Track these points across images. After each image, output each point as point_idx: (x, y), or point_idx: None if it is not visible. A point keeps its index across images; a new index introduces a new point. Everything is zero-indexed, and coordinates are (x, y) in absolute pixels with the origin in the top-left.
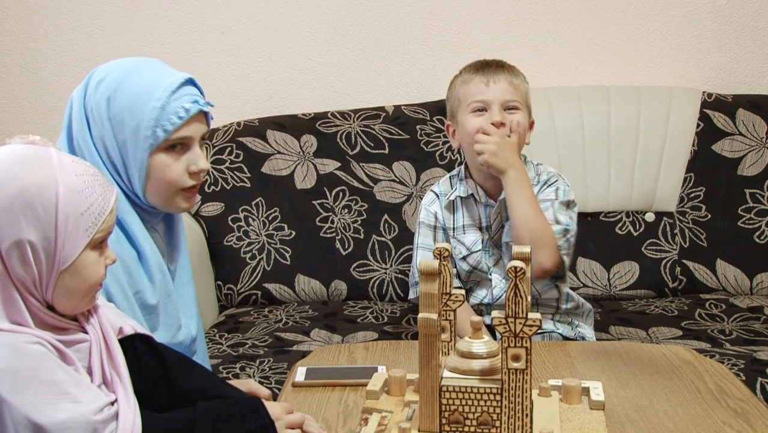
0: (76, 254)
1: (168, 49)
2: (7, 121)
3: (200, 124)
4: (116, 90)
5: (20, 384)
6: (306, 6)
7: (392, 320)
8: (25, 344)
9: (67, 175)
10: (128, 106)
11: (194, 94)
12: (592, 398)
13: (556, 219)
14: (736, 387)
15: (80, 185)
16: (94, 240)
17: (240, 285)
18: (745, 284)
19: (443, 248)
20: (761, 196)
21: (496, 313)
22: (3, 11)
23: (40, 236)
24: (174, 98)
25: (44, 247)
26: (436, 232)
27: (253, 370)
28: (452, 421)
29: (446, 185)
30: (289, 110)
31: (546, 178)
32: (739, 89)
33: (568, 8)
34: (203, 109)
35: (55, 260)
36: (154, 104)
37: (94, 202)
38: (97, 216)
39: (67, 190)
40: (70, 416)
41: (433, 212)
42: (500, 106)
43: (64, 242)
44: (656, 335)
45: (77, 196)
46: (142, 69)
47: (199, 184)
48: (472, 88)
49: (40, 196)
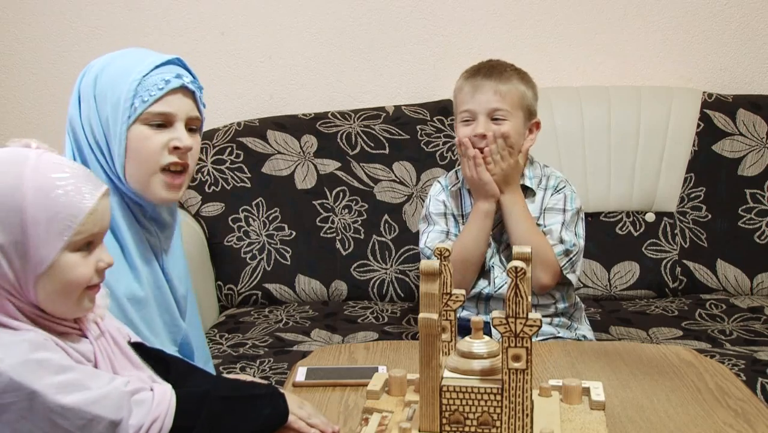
0: (52, 257)
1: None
2: (8, 122)
3: (185, 102)
4: (103, 69)
5: (43, 373)
6: (306, 6)
7: (392, 320)
8: (37, 338)
9: (40, 177)
10: (112, 81)
11: (180, 72)
12: (592, 399)
13: (560, 238)
14: (736, 387)
15: (52, 187)
16: (73, 242)
17: (240, 285)
18: (746, 285)
19: (443, 248)
20: (761, 197)
21: (497, 313)
22: (3, 11)
23: (9, 239)
24: (156, 72)
25: (17, 250)
26: (447, 218)
27: (253, 370)
28: (453, 421)
29: (452, 177)
30: (290, 110)
31: (554, 183)
32: (739, 89)
33: (568, 8)
34: (187, 85)
35: (29, 263)
36: (135, 77)
37: (69, 203)
38: (72, 218)
39: (36, 193)
40: (100, 392)
41: (442, 200)
42: (486, 116)
43: (36, 246)
44: (657, 335)
45: (47, 199)
46: (132, 52)
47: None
48: (461, 97)
49: (5, 200)
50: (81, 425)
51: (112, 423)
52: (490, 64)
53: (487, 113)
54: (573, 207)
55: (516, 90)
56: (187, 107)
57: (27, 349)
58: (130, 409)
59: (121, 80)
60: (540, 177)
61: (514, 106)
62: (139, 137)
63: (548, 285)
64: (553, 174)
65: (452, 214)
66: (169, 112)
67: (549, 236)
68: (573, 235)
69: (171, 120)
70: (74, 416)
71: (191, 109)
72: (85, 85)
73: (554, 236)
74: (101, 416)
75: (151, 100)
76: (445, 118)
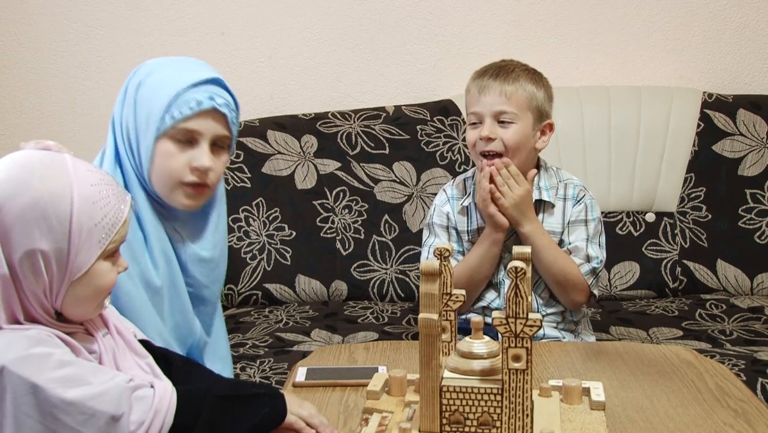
0: (89, 264)
1: (168, 50)
2: (8, 122)
3: (214, 123)
4: (149, 75)
5: (44, 367)
6: (306, 6)
7: (393, 321)
8: (39, 334)
9: (83, 185)
10: (152, 91)
11: (216, 92)
12: (592, 399)
13: (587, 256)
14: (736, 387)
15: (95, 195)
16: (107, 250)
17: (240, 285)
18: (746, 285)
19: (444, 248)
20: (762, 197)
21: (497, 313)
22: (3, 11)
23: (53, 246)
24: (192, 90)
25: (57, 257)
26: (450, 232)
27: (253, 370)
28: (453, 421)
29: (460, 188)
30: (290, 110)
31: (573, 193)
32: (739, 89)
33: (568, 8)
34: (219, 108)
35: (67, 270)
36: (171, 92)
37: (109, 213)
38: (111, 227)
39: (81, 201)
40: (102, 388)
41: (446, 212)
42: (492, 118)
43: (77, 253)
44: (657, 335)
45: (92, 207)
46: (179, 63)
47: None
48: (469, 99)
49: (54, 207)
50: (82, 420)
51: (113, 418)
52: (499, 65)
53: (492, 115)
54: (594, 216)
55: (523, 91)
56: (214, 128)
57: (27, 344)
58: (130, 405)
59: (159, 92)
60: (557, 186)
61: (522, 108)
62: (165, 153)
63: (582, 302)
64: (571, 182)
65: (455, 229)
66: (195, 130)
67: (575, 255)
68: (597, 248)
69: (197, 138)
70: (75, 410)
71: (219, 129)
72: (131, 87)
73: (581, 255)
74: (102, 411)
75: (181, 118)
76: (445, 119)
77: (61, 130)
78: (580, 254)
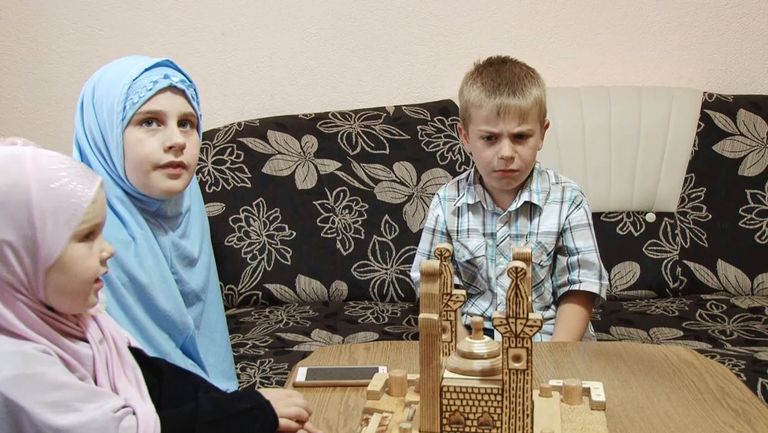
0: (60, 248)
1: (169, 50)
2: (8, 122)
3: (174, 100)
4: (100, 78)
5: (35, 389)
6: (306, 6)
7: (393, 321)
8: (33, 351)
9: (41, 170)
10: (106, 88)
11: (169, 72)
12: (593, 399)
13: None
14: (737, 388)
15: (53, 178)
16: (79, 232)
17: (241, 285)
18: (746, 285)
19: (444, 248)
20: (762, 197)
21: (497, 313)
22: (3, 11)
23: (18, 234)
24: (146, 74)
25: (24, 245)
26: (434, 235)
27: (253, 370)
28: (453, 421)
29: (453, 190)
30: (290, 111)
31: (570, 195)
32: (739, 90)
33: (568, 8)
34: (175, 84)
35: (38, 257)
36: (126, 81)
37: (72, 192)
38: (76, 207)
39: (39, 185)
40: (90, 416)
41: (435, 215)
42: (510, 137)
43: (44, 238)
44: (657, 335)
45: (51, 190)
46: (126, 59)
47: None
48: (484, 115)
49: (11, 195)
50: None
51: None
52: (508, 77)
53: (511, 135)
54: (591, 220)
55: (535, 102)
56: (177, 105)
57: (20, 362)
58: None
59: (114, 86)
60: (548, 190)
61: (535, 121)
62: (134, 141)
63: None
64: (569, 185)
65: (442, 232)
66: (158, 111)
67: (587, 269)
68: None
69: (162, 119)
70: None
71: (183, 106)
72: (87, 95)
73: (594, 270)
74: None
75: (141, 102)
76: (445, 119)
77: (61, 130)
78: (592, 268)
